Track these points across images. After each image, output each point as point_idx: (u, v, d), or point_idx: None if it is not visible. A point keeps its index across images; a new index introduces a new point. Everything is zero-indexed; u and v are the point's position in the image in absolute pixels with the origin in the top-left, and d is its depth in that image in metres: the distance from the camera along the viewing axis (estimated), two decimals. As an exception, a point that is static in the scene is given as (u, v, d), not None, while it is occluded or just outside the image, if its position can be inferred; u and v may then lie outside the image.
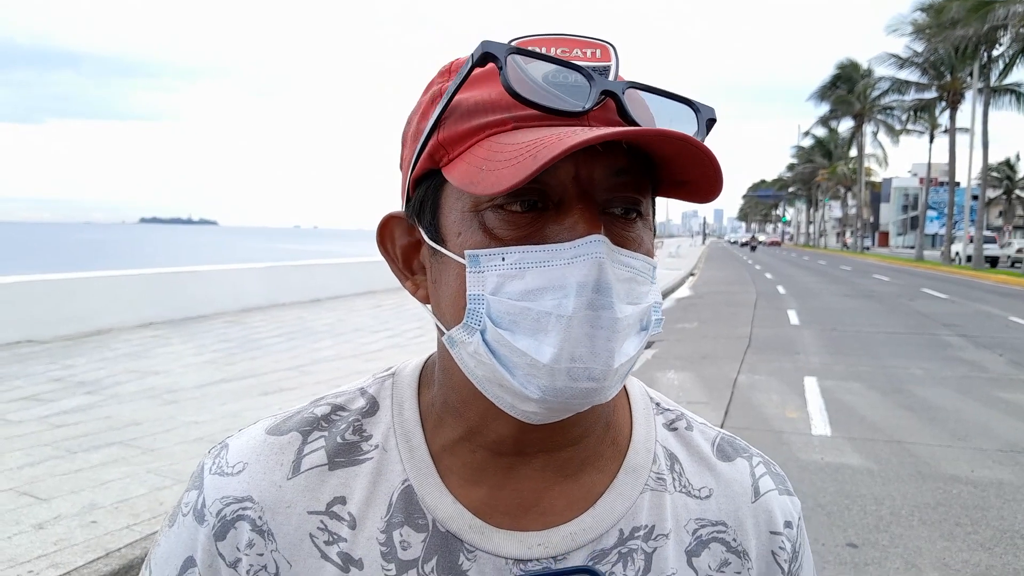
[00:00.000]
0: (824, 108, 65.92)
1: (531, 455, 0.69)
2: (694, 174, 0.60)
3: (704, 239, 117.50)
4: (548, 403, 0.59)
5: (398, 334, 10.85)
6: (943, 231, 48.71)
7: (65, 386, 7.04)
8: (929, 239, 66.04)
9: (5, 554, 3.52)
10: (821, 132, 79.85)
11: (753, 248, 75.23)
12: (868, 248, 71.90)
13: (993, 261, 41.30)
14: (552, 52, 0.61)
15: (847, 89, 60.40)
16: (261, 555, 0.68)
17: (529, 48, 0.60)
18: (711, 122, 0.63)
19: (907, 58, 43.90)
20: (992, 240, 45.06)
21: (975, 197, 44.66)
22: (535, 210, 0.59)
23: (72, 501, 4.17)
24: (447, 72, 0.65)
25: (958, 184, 47.74)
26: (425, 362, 0.77)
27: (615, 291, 0.58)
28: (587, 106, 0.58)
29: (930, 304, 18.97)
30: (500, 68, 0.57)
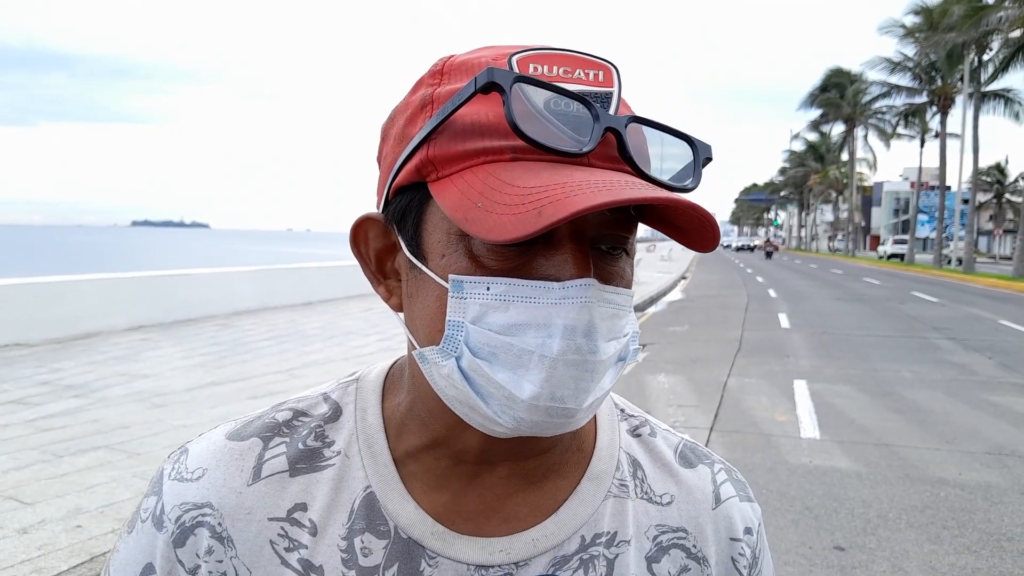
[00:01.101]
0: (816, 112, 66.23)
1: (496, 463, 0.69)
2: (691, 226, 0.60)
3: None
4: (519, 431, 0.59)
5: (389, 337, 10.84)
6: (934, 235, 48.87)
7: (53, 389, 7.01)
8: (920, 243, 66.30)
9: (-11, 559, 3.50)
10: (813, 136, 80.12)
11: (769, 255, 61.11)
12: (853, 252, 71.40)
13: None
14: (555, 70, 0.59)
15: (838, 94, 60.65)
16: (220, 562, 0.67)
17: (531, 65, 0.59)
18: (707, 160, 0.63)
19: (899, 62, 44.12)
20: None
21: (966, 201, 44.86)
22: (525, 243, 0.58)
23: (57, 505, 4.15)
24: (439, 74, 0.63)
25: (949, 188, 47.97)
26: (390, 367, 0.77)
27: (600, 333, 0.58)
28: (590, 147, 0.57)
29: (920, 307, 19.03)
30: (504, 99, 0.55)
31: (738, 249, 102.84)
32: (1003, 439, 6.67)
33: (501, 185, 0.55)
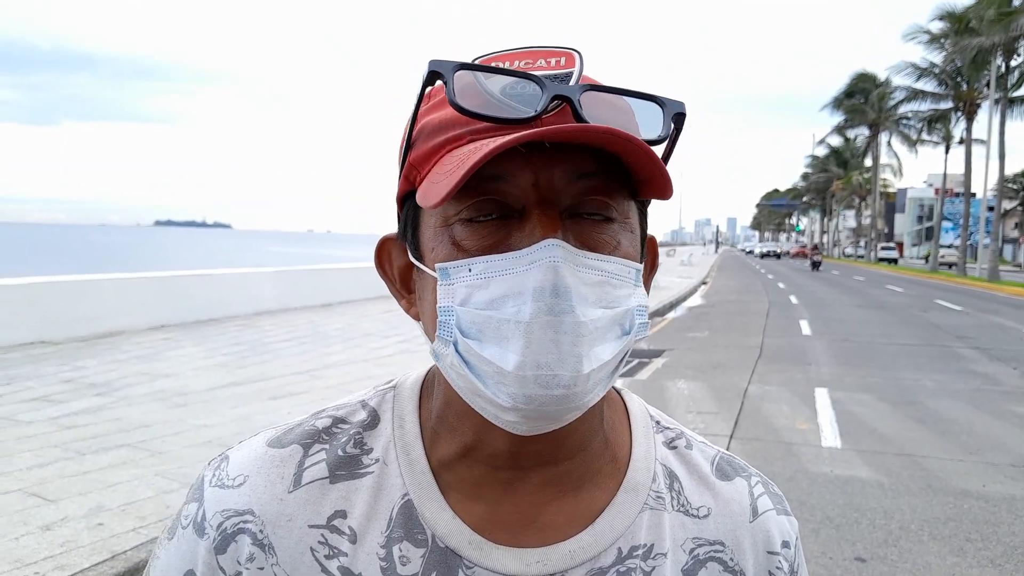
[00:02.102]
0: (839, 117, 65.68)
1: (529, 469, 0.69)
2: (646, 171, 0.60)
3: (717, 247, 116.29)
4: (522, 411, 0.59)
5: (408, 339, 10.86)
6: (958, 242, 48.40)
7: (76, 387, 7.08)
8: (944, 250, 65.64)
9: (12, 555, 3.54)
10: (836, 141, 79.49)
11: (816, 265, 47.51)
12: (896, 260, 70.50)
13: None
14: (515, 65, 0.61)
15: (862, 99, 60.17)
16: (262, 569, 0.68)
17: (494, 64, 0.61)
18: (679, 116, 0.62)
19: (925, 68, 43.68)
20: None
21: (991, 208, 44.36)
22: (500, 220, 0.60)
23: (79, 503, 4.19)
24: (428, 97, 0.66)
25: (974, 195, 47.48)
26: (426, 374, 0.77)
27: (576, 294, 0.57)
28: (536, 111, 0.58)
29: (944, 316, 18.83)
30: (446, 84, 0.58)
31: (763, 256, 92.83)
32: (1028, 451, 6.58)
33: (450, 159, 0.59)
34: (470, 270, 0.59)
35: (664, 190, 0.60)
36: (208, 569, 0.68)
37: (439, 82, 0.61)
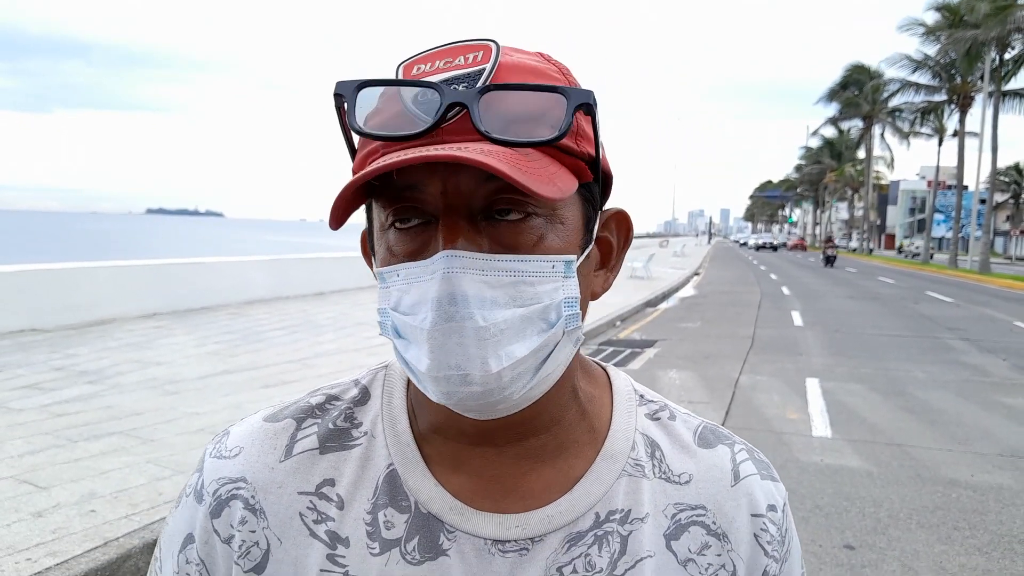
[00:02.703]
0: (834, 108, 65.70)
1: (503, 445, 0.72)
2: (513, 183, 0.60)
3: (710, 239, 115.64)
4: (454, 405, 0.63)
5: (401, 329, 10.85)
6: (950, 234, 48.58)
7: (67, 375, 7.07)
8: (935, 242, 65.90)
9: (4, 541, 3.53)
10: (830, 132, 79.58)
11: (830, 260, 40.78)
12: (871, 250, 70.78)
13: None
14: (437, 64, 0.63)
15: (856, 91, 60.17)
16: (253, 532, 0.72)
17: (416, 67, 0.64)
18: (585, 107, 0.61)
19: (920, 61, 43.69)
20: None
21: (983, 201, 44.53)
22: (423, 225, 0.63)
23: (71, 490, 4.19)
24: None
25: (966, 188, 47.60)
26: None
27: (477, 300, 0.59)
28: (423, 127, 0.60)
29: (934, 307, 18.93)
30: (347, 107, 0.62)
31: (758, 248, 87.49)
32: (1016, 441, 6.63)
33: (355, 176, 0.61)
34: (399, 275, 0.63)
35: (538, 195, 0.57)
36: (204, 532, 0.73)
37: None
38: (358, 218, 0.66)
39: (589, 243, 0.68)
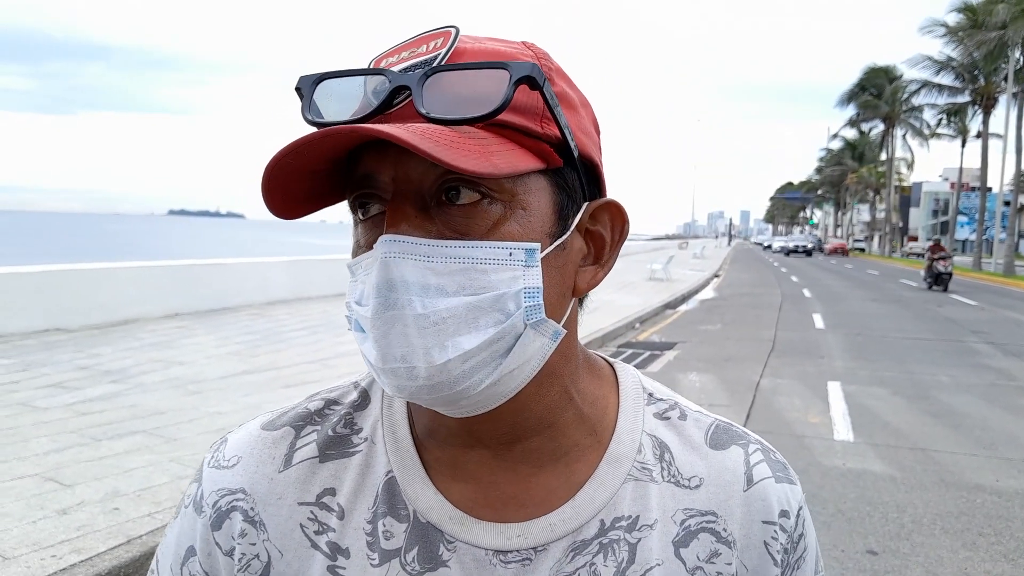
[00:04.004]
0: (852, 110, 65.14)
1: (495, 448, 0.69)
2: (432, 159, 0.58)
3: (730, 240, 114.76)
4: (415, 400, 0.61)
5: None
6: (973, 237, 48.08)
7: (91, 374, 7.14)
8: (959, 244, 65.22)
9: (30, 538, 3.58)
10: (851, 134, 78.93)
11: (939, 280, 24.91)
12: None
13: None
14: (402, 55, 0.63)
15: (875, 93, 59.64)
16: (253, 544, 0.70)
17: (384, 60, 0.63)
18: (528, 80, 0.58)
19: (943, 62, 43.25)
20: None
21: (1007, 203, 44.02)
22: (381, 215, 0.61)
23: (95, 488, 4.23)
24: None
25: (990, 190, 47.08)
26: None
27: (418, 287, 0.57)
28: (366, 112, 0.59)
29: (958, 310, 18.72)
30: (307, 99, 0.62)
31: (788, 253, 68.18)
32: (1042, 446, 6.54)
33: None
34: (361, 267, 0.62)
35: (459, 168, 0.54)
36: (205, 544, 0.71)
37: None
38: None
39: (563, 233, 0.64)
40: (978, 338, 13.49)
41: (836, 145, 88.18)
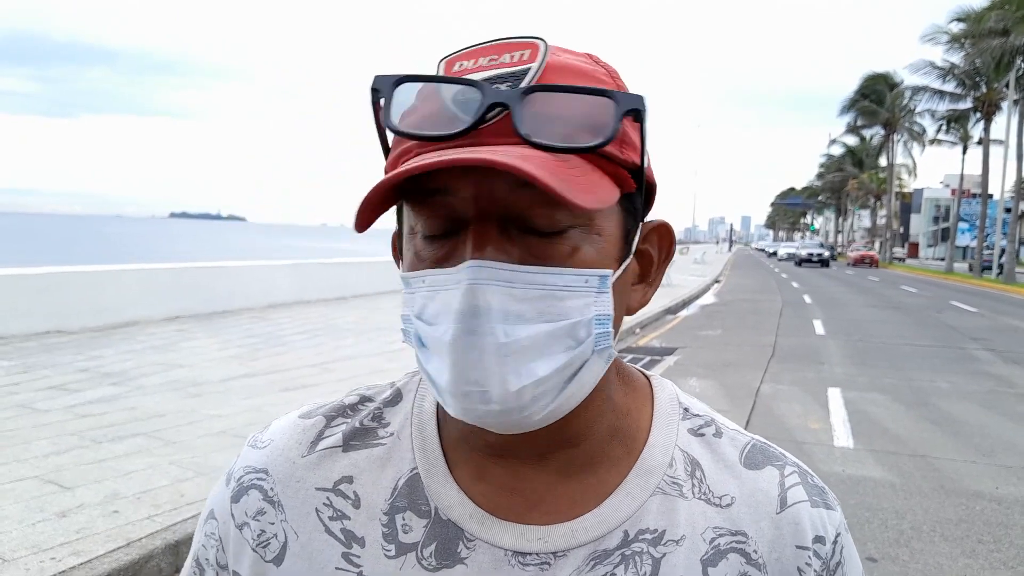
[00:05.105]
0: (853, 116, 65.11)
1: (527, 458, 0.69)
2: (548, 191, 0.57)
3: (731, 246, 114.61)
4: (473, 420, 0.60)
5: (421, 334, 10.88)
6: (974, 243, 48.03)
7: (91, 376, 7.14)
8: (960, 251, 65.17)
9: (29, 540, 3.58)
10: (852, 140, 78.96)
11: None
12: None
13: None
14: (480, 61, 0.60)
15: (876, 100, 59.64)
16: (272, 524, 0.73)
17: (457, 64, 0.61)
18: (634, 112, 0.58)
19: (947, 69, 43.24)
20: None
21: (1008, 210, 44.02)
22: (453, 231, 0.60)
23: (95, 490, 4.23)
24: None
25: (991, 196, 47.06)
26: None
27: (501, 314, 0.57)
28: (462, 127, 0.57)
29: (959, 317, 18.72)
30: (386, 102, 0.59)
31: (799, 262, 53.96)
32: (1042, 453, 6.54)
33: (387, 176, 0.57)
34: (424, 281, 0.60)
35: (575, 205, 0.54)
36: (223, 513, 0.75)
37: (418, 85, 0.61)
38: (382, 222, 0.63)
39: (627, 256, 0.65)
40: (978, 345, 13.49)
41: (837, 151, 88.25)
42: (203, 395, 6.63)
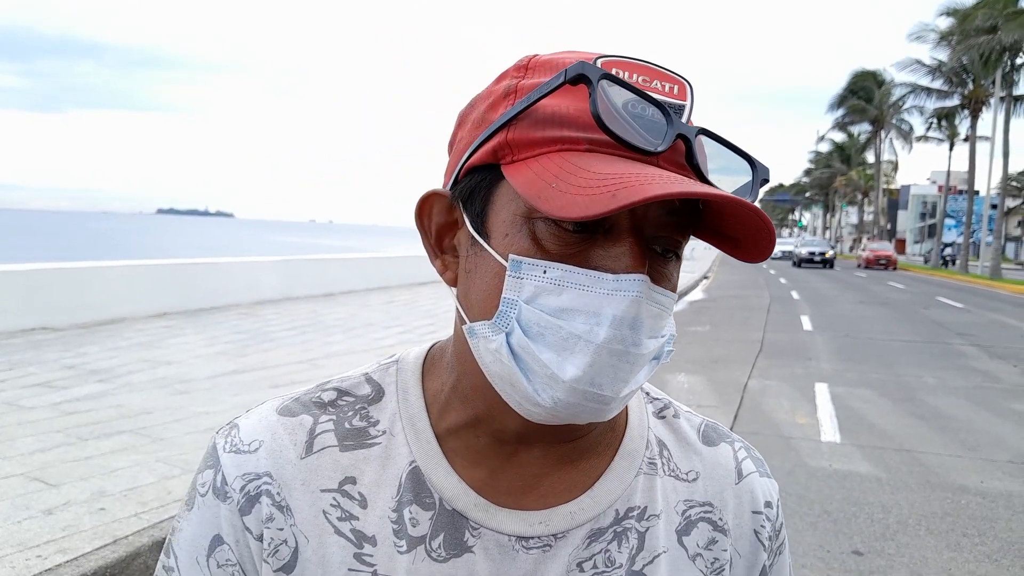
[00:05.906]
0: (841, 111, 65.33)
1: (532, 444, 0.72)
2: (745, 234, 0.62)
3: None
4: (556, 412, 0.62)
5: (409, 330, 10.88)
6: (960, 239, 48.30)
7: (78, 374, 7.10)
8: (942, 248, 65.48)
9: (15, 538, 3.56)
10: (840, 137, 79.26)
11: None
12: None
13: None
14: (634, 77, 0.62)
15: (864, 97, 59.87)
16: (281, 530, 0.71)
17: (614, 69, 0.62)
18: (764, 181, 0.65)
19: (935, 67, 43.42)
20: None
21: (994, 206, 44.31)
22: (586, 231, 0.61)
23: (81, 488, 4.21)
24: (524, 68, 0.66)
25: (977, 193, 47.34)
26: (429, 350, 0.80)
27: (646, 328, 0.61)
28: (663, 148, 0.60)
29: (945, 313, 18.84)
30: (591, 92, 0.59)
31: (799, 263, 46.75)
32: (1027, 448, 6.59)
33: (576, 170, 0.58)
34: (544, 272, 0.61)
35: (763, 257, 0.62)
36: (234, 530, 0.70)
37: (538, 55, 0.65)
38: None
39: None
40: (964, 340, 13.59)
41: (825, 147, 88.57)
42: (190, 392, 6.60)
